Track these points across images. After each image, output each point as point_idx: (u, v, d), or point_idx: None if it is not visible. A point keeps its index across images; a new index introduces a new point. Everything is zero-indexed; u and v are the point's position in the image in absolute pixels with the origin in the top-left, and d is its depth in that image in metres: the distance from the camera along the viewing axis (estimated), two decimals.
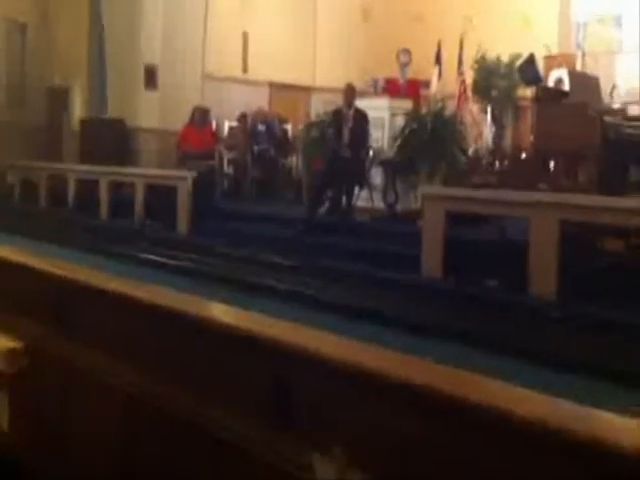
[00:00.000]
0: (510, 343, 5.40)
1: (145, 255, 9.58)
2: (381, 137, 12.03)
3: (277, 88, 18.54)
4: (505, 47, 15.28)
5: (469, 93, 15.35)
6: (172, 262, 9.11)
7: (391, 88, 14.87)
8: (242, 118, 16.23)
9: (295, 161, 15.95)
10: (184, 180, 12.19)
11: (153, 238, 11.34)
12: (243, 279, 7.90)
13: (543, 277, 6.90)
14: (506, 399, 2.45)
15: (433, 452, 2.52)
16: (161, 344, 3.69)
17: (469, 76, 15.52)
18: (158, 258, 9.34)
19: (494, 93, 15.47)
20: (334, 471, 2.64)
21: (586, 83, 10.78)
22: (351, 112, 10.98)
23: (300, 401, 2.94)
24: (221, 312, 3.70)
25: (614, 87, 11.45)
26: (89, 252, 9.79)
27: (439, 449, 2.51)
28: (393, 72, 15.68)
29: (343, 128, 10.91)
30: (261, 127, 15.77)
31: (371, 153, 11.64)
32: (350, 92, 11.19)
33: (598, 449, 2.07)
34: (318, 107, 14.85)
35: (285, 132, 16.67)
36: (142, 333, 3.83)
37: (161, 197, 12.79)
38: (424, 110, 11.87)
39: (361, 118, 10.96)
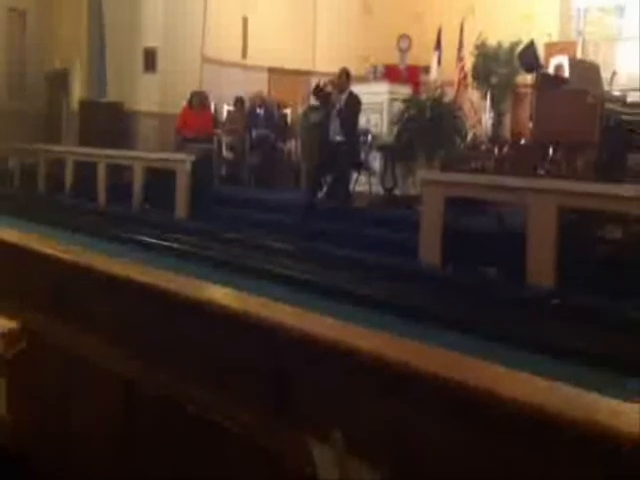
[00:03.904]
0: (507, 330, 5.42)
1: (144, 238, 9.59)
2: (380, 122, 12.01)
3: (276, 73, 18.50)
4: (506, 34, 15.23)
5: (469, 79, 15.32)
6: (172, 245, 9.12)
7: (391, 74, 14.84)
8: (238, 102, 16.16)
9: (294, 146, 15.93)
10: (183, 163, 12.18)
11: (152, 222, 11.34)
12: (242, 263, 7.92)
13: (541, 264, 6.90)
14: (505, 384, 2.45)
15: (432, 437, 2.53)
16: (160, 328, 3.69)
17: (469, 62, 15.49)
18: (157, 241, 9.35)
19: (494, 79, 15.44)
20: (333, 457, 2.64)
21: (586, 70, 10.76)
22: (344, 96, 10.90)
23: (299, 386, 2.94)
24: (220, 295, 3.71)
25: (614, 74, 11.43)
26: (88, 235, 9.80)
27: (439, 434, 2.51)
28: (393, 58, 15.66)
29: (332, 112, 10.86)
30: (259, 111, 15.73)
31: (370, 138, 11.63)
32: (343, 76, 11.09)
33: (598, 434, 2.08)
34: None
35: (284, 117, 16.64)
36: (141, 317, 3.83)
37: (160, 181, 12.79)
38: (423, 96, 11.86)
39: (353, 102, 10.86)
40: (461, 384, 2.42)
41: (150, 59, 16.57)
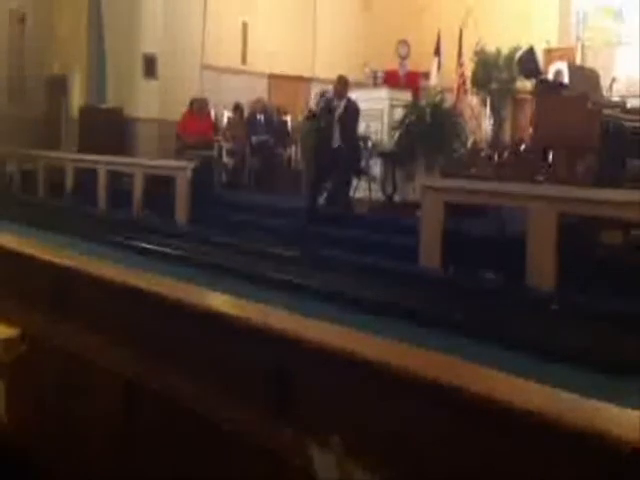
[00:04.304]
0: (508, 334, 5.41)
1: (144, 244, 9.58)
2: (380, 128, 12.02)
3: (276, 79, 18.51)
4: (505, 40, 15.26)
5: (468, 85, 15.33)
6: (170, 251, 9.10)
7: (390, 79, 14.84)
8: (236, 108, 16.13)
9: (294, 152, 15.93)
10: (183, 170, 12.18)
11: (151, 227, 11.34)
12: (241, 269, 7.91)
13: (541, 269, 6.90)
14: (505, 390, 2.45)
15: (430, 441, 2.53)
16: (160, 332, 3.70)
17: (468, 68, 15.50)
18: (157, 247, 9.34)
19: (493, 85, 15.45)
20: (332, 460, 2.64)
21: (585, 76, 10.77)
22: (342, 103, 10.95)
23: (299, 390, 2.94)
24: (219, 301, 3.71)
25: (613, 80, 11.44)
26: (87, 240, 9.79)
27: (437, 438, 2.51)
28: (393, 63, 15.67)
29: (333, 119, 10.88)
30: (260, 117, 15.72)
31: (370, 144, 11.64)
32: (342, 83, 11.15)
33: (597, 440, 2.08)
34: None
35: (284, 123, 16.63)
36: (140, 321, 3.83)
37: (160, 187, 12.79)
38: (423, 102, 11.86)
39: (352, 109, 10.91)
40: (460, 389, 2.42)
41: (149, 65, 16.58)
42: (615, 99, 10.86)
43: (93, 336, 4.11)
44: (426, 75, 15.28)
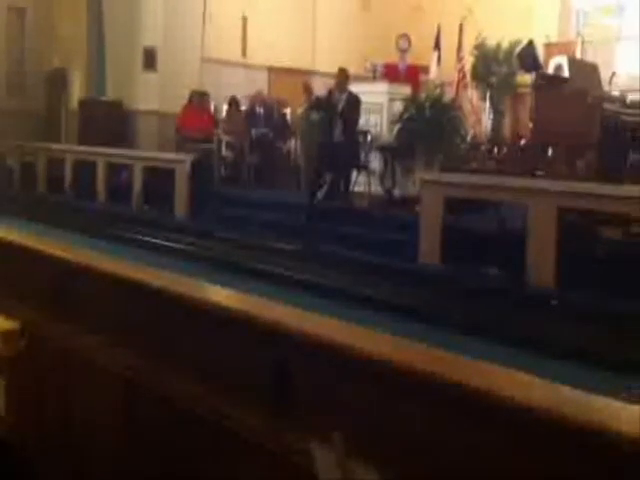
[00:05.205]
0: (507, 330, 5.42)
1: (143, 238, 9.59)
2: (379, 122, 12.01)
3: (276, 72, 18.48)
4: (505, 34, 15.21)
5: (468, 79, 15.29)
6: (170, 245, 9.11)
7: (390, 73, 14.83)
8: (232, 102, 16.05)
9: (294, 145, 15.89)
10: (182, 164, 12.17)
11: (151, 221, 11.34)
12: (241, 263, 7.92)
13: (541, 264, 6.90)
14: (505, 384, 2.45)
15: (433, 437, 2.53)
16: (160, 328, 3.69)
17: (468, 62, 15.46)
18: (156, 241, 9.35)
19: (493, 79, 15.41)
20: (334, 458, 2.64)
21: (586, 70, 10.76)
22: (343, 96, 10.94)
23: (300, 387, 2.94)
24: (221, 295, 3.70)
25: (613, 74, 11.43)
26: (87, 234, 9.79)
27: (438, 434, 2.51)
28: (392, 57, 15.65)
29: (335, 113, 10.87)
30: (259, 111, 15.68)
31: (369, 138, 11.64)
32: (342, 76, 11.12)
33: (597, 435, 2.08)
34: (317, 91, 14.78)
35: (284, 116, 16.59)
36: (141, 316, 3.82)
37: (159, 180, 12.78)
38: (423, 96, 11.85)
39: (353, 102, 10.90)
40: (461, 385, 2.42)
41: (149, 58, 16.55)
42: (615, 93, 10.85)
43: (93, 333, 4.11)
44: (426, 69, 15.26)
